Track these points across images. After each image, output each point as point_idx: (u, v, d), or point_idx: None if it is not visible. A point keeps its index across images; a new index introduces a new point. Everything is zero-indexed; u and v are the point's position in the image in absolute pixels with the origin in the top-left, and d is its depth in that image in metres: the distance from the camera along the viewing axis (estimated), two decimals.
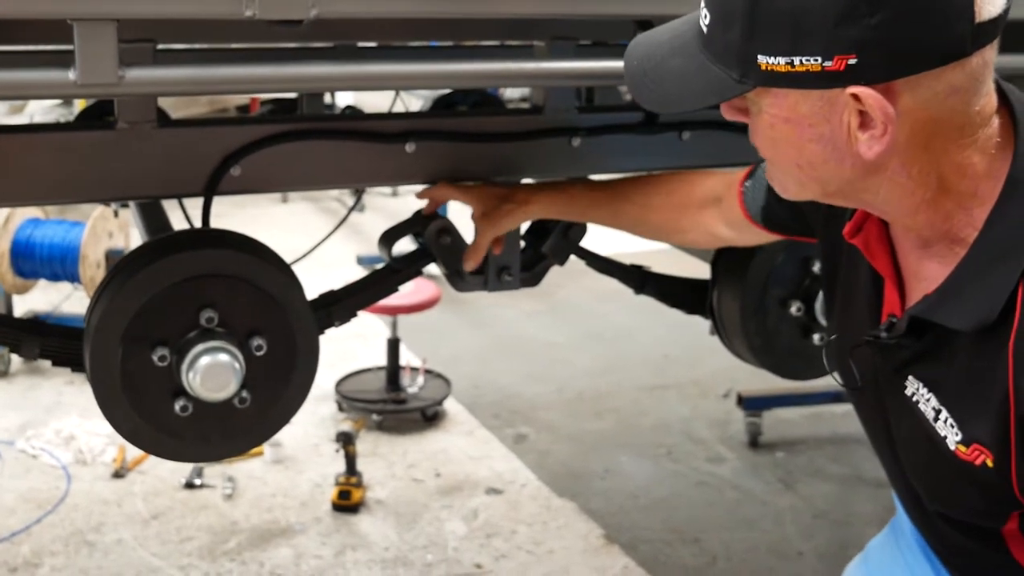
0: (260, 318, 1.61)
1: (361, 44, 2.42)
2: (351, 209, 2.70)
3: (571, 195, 1.84)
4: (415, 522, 3.48)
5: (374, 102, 4.56)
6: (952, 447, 1.11)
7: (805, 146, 1.09)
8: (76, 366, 1.69)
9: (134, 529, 3.39)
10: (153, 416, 1.58)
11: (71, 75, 1.28)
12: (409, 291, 4.03)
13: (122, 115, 1.62)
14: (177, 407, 1.58)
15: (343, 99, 5.93)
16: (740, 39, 1.05)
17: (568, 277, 1.99)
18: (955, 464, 1.11)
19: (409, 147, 1.80)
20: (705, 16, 1.10)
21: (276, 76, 1.42)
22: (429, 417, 4.19)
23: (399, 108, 3.29)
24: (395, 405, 4.16)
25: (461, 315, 5.33)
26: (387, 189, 7.35)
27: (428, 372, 4.40)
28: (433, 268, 1.99)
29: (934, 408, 1.14)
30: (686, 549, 3.37)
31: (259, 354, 1.60)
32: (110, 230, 4.37)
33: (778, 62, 1.03)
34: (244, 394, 1.59)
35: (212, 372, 1.54)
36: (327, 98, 4.00)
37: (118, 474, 3.70)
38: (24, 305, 4.82)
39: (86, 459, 3.80)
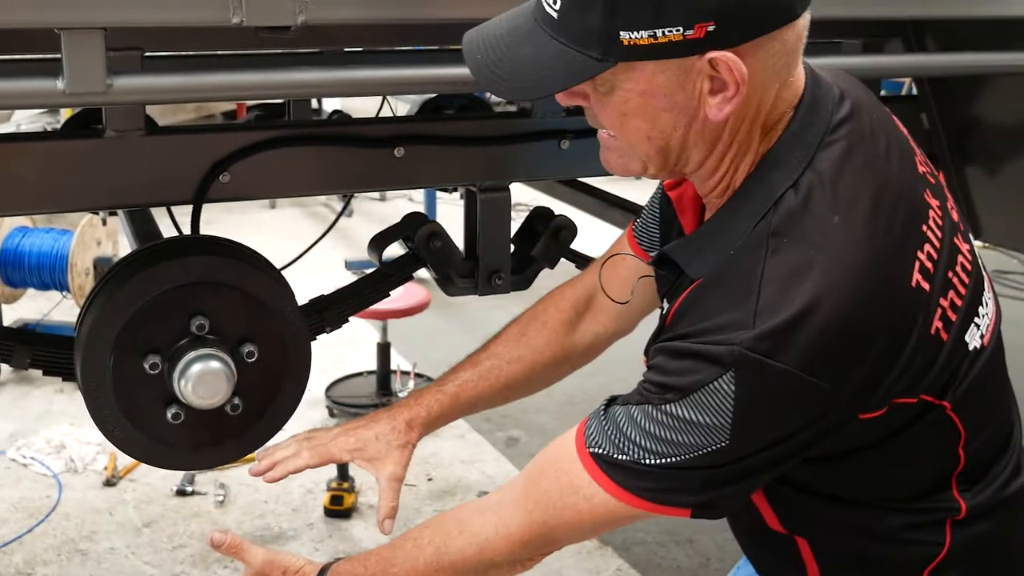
0: (251, 325, 1.61)
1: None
2: (340, 214, 2.70)
3: (447, 413, 1.71)
4: (407, 526, 3.44)
5: (361, 107, 4.56)
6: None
7: (659, 115, 1.15)
8: (67, 375, 1.68)
9: (126, 537, 3.38)
10: (145, 424, 1.58)
11: (59, 84, 1.28)
12: (399, 295, 4.02)
13: (110, 123, 1.62)
14: (169, 415, 1.58)
15: (330, 103, 5.93)
16: (601, 18, 1.09)
17: (558, 280, 1.99)
18: None
19: (398, 152, 1.80)
20: (553, 2, 1.13)
21: (264, 83, 1.42)
22: None
23: (386, 112, 3.30)
24: None
25: (451, 319, 5.32)
26: (375, 194, 7.35)
27: (419, 376, 4.39)
28: (423, 272, 1.99)
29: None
30: (680, 550, 3.38)
31: (251, 361, 1.60)
32: (98, 238, 4.36)
33: (641, 36, 1.08)
34: (236, 401, 1.59)
35: (204, 379, 1.54)
36: (314, 102, 3.99)
37: (109, 482, 3.69)
38: (13, 314, 4.80)
39: (77, 468, 3.79)
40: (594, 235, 1.91)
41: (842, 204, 1.14)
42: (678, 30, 1.07)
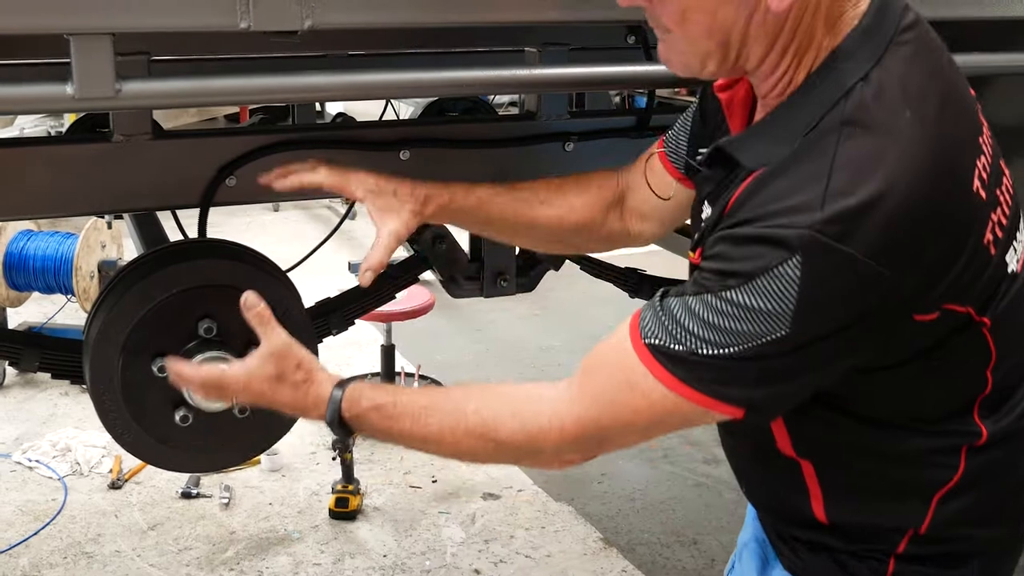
0: None
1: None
2: (343, 217, 2.70)
3: (478, 197, 1.63)
4: (413, 528, 3.49)
5: (364, 109, 4.56)
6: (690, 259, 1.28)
7: (720, 7, 1.17)
8: (76, 378, 1.69)
9: (132, 540, 3.39)
10: (153, 427, 1.59)
11: (68, 89, 1.28)
12: (403, 297, 4.04)
13: (118, 128, 1.63)
14: (177, 417, 1.59)
15: (333, 106, 5.93)
16: None
17: (561, 281, 2.00)
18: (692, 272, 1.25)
19: (404, 154, 1.81)
20: None
21: (272, 87, 1.43)
22: None
23: (389, 114, 3.31)
24: None
25: (455, 320, 5.33)
26: None
27: (423, 377, 4.40)
28: (427, 274, 2.00)
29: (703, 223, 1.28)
30: (684, 551, 3.38)
31: None
32: (103, 241, 4.37)
33: None
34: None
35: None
36: (317, 105, 4.00)
37: (115, 485, 3.70)
38: (17, 318, 4.81)
39: (82, 470, 3.80)
40: None
41: (912, 100, 1.15)
42: None
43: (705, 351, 1.15)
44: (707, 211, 1.30)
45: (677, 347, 1.16)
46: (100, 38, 1.27)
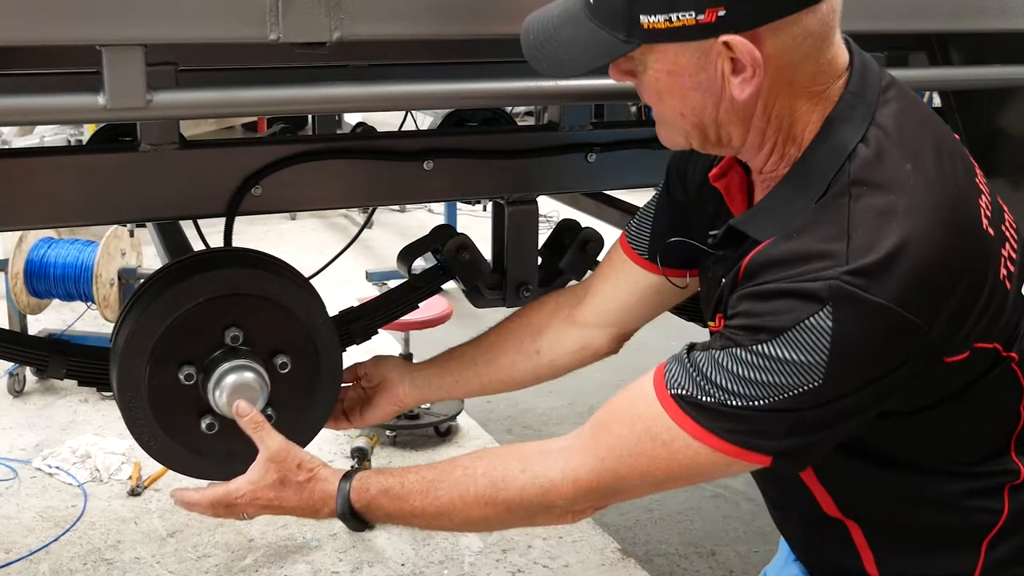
0: (284, 336, 1.62)
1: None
2: (363, 227, 2.72)
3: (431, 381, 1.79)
4: (430, 537, 3.49)
5: (382, 118, 4.58)
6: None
7: (687, 95, 1.22)
8: (102, 385, 1.71)
9: (151, 547, 3.40)
10: (180, 434, 1.60)
11: (100, 100, 1.30)
12: (421, 306, 4.04)
13: (145, 137, 1.64)
14: (204, 425, 1.60)
15: (353, 116, 5.96)
16: (624, 4, 1.18)
17: None
18: None
19: (427, 165, 1.82)
20: None
21: (300, 98, 1.44)
22: (442, 432, 4.20)
23: (409, 124, 3.32)
24: (408, 421, 4.17)
25: (473, 330, 5.30)
26: (395, 205, 7.37)
27: None
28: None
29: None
30: (702, 562, 3.38)
31: (283, 372, 1.62)
32: (123, 249, 4.40)
33: (658, 20, 1.16)
34: (269, 411, 1.61)
35: (238, 390, 1.55)
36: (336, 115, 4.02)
37: (134, 492, 3.71)
38: (38, 324, 4.84)
39: (102, 477, 3.82)
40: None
41: (910, 154, 1.19)
42: (691, 14, 1.15)
43: (735, 403, 1.15)
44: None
45: (705, 399, 1.17)
46: (132, 49, 1.29)
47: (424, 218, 7.14)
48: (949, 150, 1.24)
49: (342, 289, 3.40)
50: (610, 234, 2.20)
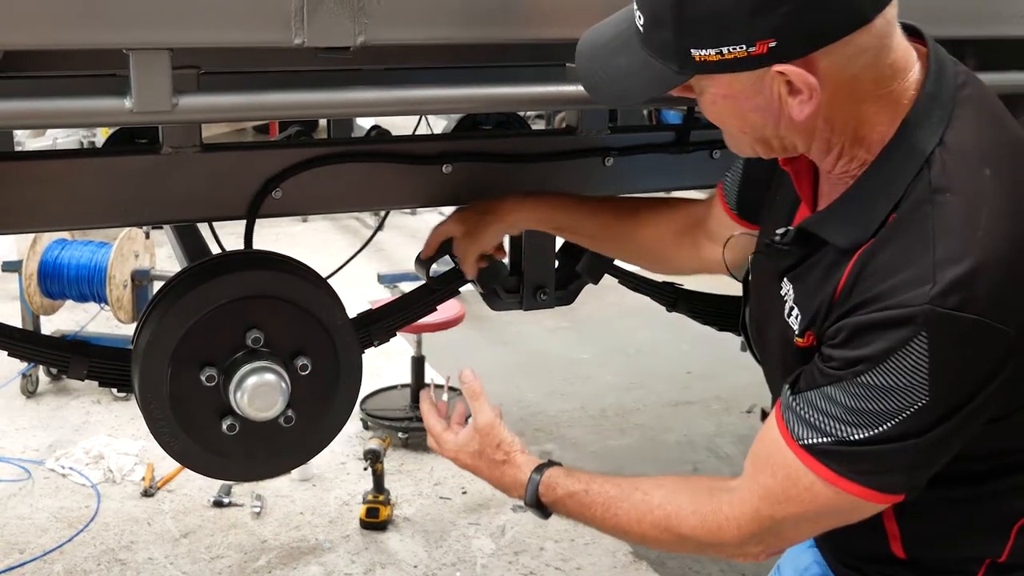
0: (305, 338, 1.63)
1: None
2: (377, 229, 2.73)
3: (555, 206, 1.82)
4: (443, 539, 3.50)
5: (395, 121, 4.59)
6: (794, 340, 1.29)
7: (746, 116, 1.23)
8: (123, 386, 1.72)
9: (165, 547, 3.42)
10: (201, 435, 1.61)
11: (127, 103, 1.31)
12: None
13: (167, 140, 1.65)
14: (224, 426, 1.61)
15: (366, 119, 5.96)
16: (673, 38, 1.18)
17: (591, 293, 2.02)
18: (798, 354, 1.28)
19: (446, 168, 1.84)
20: (639, 17, 1.23)
21: (325, 102, 1.45)
22: None
23: (423, 127, 3.33)
24: (421, 423, 4.16)
25: (485, 332, 5.34)
26: (413, 208, 7.37)
27: (452, 389, 4.40)
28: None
29: (789, 305, 1.32)
30: (714, 566, 3.38)
31: (304, 373, 1.63)
32: (136, 251, 4.41)
33: (709, 53, 1.16)
34: (290, 413, 1.62)
35: (259, 392, 1.57)
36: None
37: (147, 493, 3.72)
38: (51, 325, 4.86)
39: (115, 478, 3.83)
40: None
41: (988, 157, 1.19)
42: (741, 47, 1.14)
43: (854, 436, 1.18)
44: (787, 288, 1.33)
45: (826, 439, 1.20)
46: (158, 53, 1.30)
47: (434, 220, 7.11)
48: (1022, 149, 1.24)
49: (354, 291, 3.40)
50: None
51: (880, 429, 1.16)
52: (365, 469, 3.65)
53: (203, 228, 2.06)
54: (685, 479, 1.42)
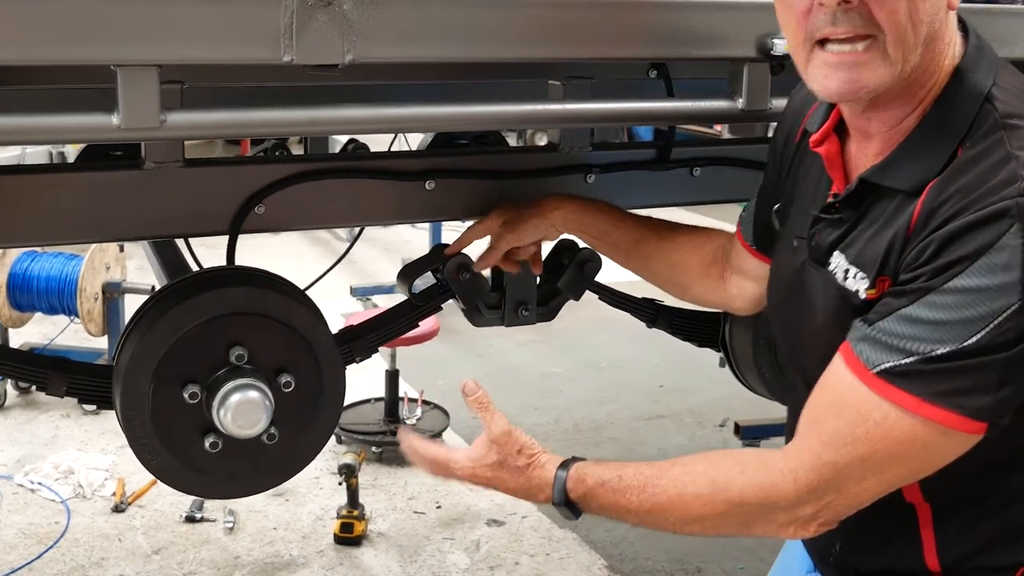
0: (288, 355, 1.63)
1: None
2: (352, 242, 2.71)
3: (595, 211, 1.81)
4: (418, 554, 3.49)
5: (373, 136, 4.59)
6: (863, 296, 1.26)
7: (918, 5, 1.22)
8: (103, 403, 1.70)
9: (136, 564, 3.38)
10: (183, 453, 1.60)
11: (114, 119, 1.30)
12: None
13: (150, 155, 1.64)
14: (207, 444, 1.60)
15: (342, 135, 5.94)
16: None
17: (565, 308, 2.03)
18: (865, 311, 1.24)
19: (429, 185, 1.83)
20: None
21: (313, 119, 1.45)
22: None
23: (400, 141, 3.32)
24: (394, 437, 4.16)
25: (459, 346, 5.34)
26: (396, 224, 7.33)
27: (426, 403, 4.41)
28: None
29: (844, 270, 1.30)
30: None
31: (287, 391, 1.62)
32: (107, 263, 4.38)
33: None
34: (273, 430, 1.61)
35: (242, 409, 1.56)
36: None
37: (118, 508, 3.69)
38: (19, 338, 4.81)
39: (85, 493, 3.79)
40: (617, 269, 1.93)
41: None
42: None
43: (939, 351, 1.15)
44: (836, 260, 1.32)
45: (909, 359, 1.17)
46: (147, 70, 1.30)
47: (407, 233, 7.14)
48: None
49: (326, 303, 3.38)
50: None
51: (969, 341, 1.13)
52: (339, 484, 3.64)
53: (179, 242, 2.05)
54: (727, 451, 1.36)
